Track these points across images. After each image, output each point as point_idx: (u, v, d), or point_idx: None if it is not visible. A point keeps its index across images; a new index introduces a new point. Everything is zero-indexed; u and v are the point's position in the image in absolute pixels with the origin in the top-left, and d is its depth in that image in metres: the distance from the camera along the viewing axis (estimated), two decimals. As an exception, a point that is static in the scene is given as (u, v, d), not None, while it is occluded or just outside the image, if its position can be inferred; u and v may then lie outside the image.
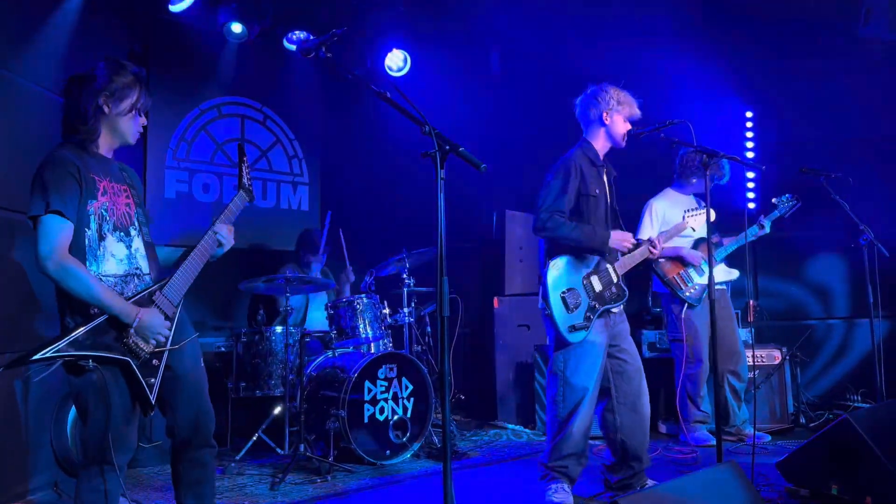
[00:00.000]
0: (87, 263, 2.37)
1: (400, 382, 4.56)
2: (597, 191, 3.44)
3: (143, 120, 2.62)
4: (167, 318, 2.49)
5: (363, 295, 4.79)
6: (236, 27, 5.41)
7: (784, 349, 5.22)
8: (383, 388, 4.48)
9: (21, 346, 3.38)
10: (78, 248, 2.36)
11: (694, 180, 4.83)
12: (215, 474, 2.75)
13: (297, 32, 5.76)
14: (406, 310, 4.99)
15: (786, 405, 5.15)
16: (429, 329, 5.43)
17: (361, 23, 5.86)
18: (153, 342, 2.43)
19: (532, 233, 3.59)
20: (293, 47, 5.80)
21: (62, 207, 2.30)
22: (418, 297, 5.24)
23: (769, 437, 4.80)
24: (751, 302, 5.45)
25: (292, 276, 4.43)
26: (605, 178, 3.54)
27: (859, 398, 5.92)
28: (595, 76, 3.59)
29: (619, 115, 3.47)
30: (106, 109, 2.48)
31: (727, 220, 5.02)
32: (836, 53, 5.94)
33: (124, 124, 2.55)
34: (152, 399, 2.41)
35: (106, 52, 4.52)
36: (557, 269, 3.43)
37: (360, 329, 4.67)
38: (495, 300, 5.95)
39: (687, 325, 4.75)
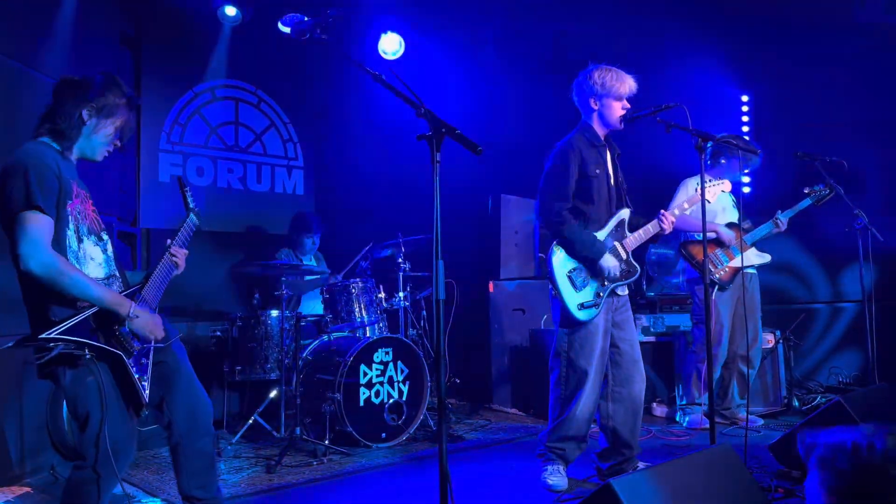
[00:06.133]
0: None
1: (395, 366, 4.58)
2: (597, 171, 3.44)
3: (118, 143, 2.56)
4: None
5: (358, 279, 4.80)
6: (230, 10, 5.36)
7: (777, 332, 5.24)
8: (379, 372, 4.50)
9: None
10: (60, 250, 2.29)
11: (723, 160, 4.79)
12: (217, 461, 2.75)
13: (291, 15, 5.70)
14: (401, 294, 4.99)
15: (779, 388, 5.18)
16: (424, 313, 5.44)
17: (356, 4, 5.81)
18: (144, 336, 2.40)
19: (534, 218, 3.57)
20: (287, 29, 5.74)
21: (43, 203, 2.23)
22: (413, 282, 5.24)
23: (762, 421, 4.83)
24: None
25: (288, 266, 4.42)
26: (607, 158, 3.53)
27: (852, 382, 5.97)
28: (590, 57, 3.56)
29: (607, 98, 3.43)
30: (87, 120, 2.44)
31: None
32: (833, 37, 5.92)
33: (98, 141, 2.49)
34: (145, 398, 2.39)
35: (100, 37, 4.51)
36: (563, 249, 3.42)
37: (356, 313, 4.69)
38: (490, 284, 5.96)
39: (713, 308, 4.72)
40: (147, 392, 2.41)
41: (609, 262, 3.39)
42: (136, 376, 2.36)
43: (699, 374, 4.80)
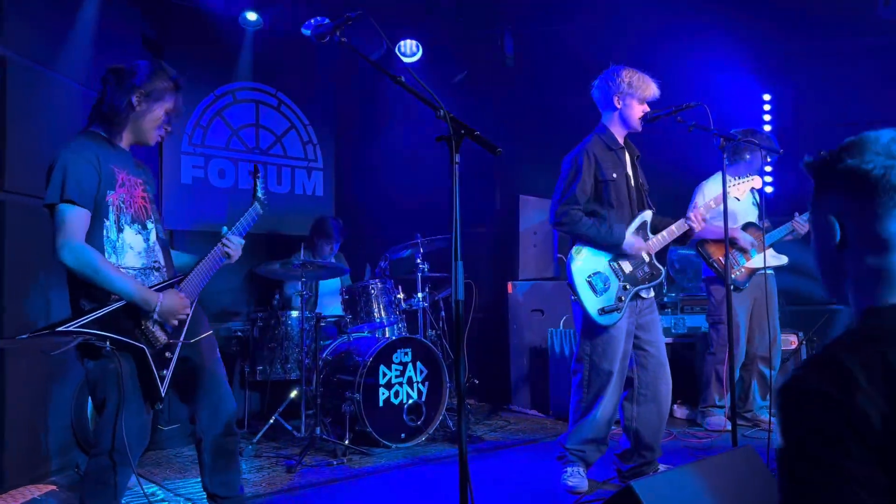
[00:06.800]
0: (107, 255, 2.38)
1: (415, 367, 4.59)
2: (614, 174, 3.41)
3: (168, 127, 2.63)
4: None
5: (378, 280, 4.81)
6: (251, 15, 5.40)
7: (801, 334, 5.18)
8: (398, 373, 4.51)
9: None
10: (96, 239, 2.36)
11: (748, 156, 4.71)
12: (239, 461, 2.80)
13: (312, 20, 5.73)
14: (420, 295, 5.00)
15: (802, 390, 5.11)
16: (443, 314, 5.44)
17: (375, 6, 5.83)
18: (175, 322, 2.46)
19: (549, 225, 3.56)
20: (308, 32, 5.76)
21: (77, 196, 2.30)
22: (432, 283, 5.25)
23: (785, 423, 4.77)
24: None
25: (307, 261, 4.44)
26: (626, 160, 3.51)
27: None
28: (610, 58, 3.54)
29: (631, 99, 3.40)
30: (136, 107, 2.51)
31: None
32: (856, 35, 5.84)
33: (149, 126, 2.57)
34: (162, 391, 2.43)
35: (121, 39, 4.56)
36: (581, 255, 3.40)
37: (375, 313, 4.70)
38: (509, 285, 5.95)
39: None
40: (165, 386, 2.45)
41: (635, 245, 3.36)
42: (157, 370, 2.41)
43: (718, 375, 4.76)
